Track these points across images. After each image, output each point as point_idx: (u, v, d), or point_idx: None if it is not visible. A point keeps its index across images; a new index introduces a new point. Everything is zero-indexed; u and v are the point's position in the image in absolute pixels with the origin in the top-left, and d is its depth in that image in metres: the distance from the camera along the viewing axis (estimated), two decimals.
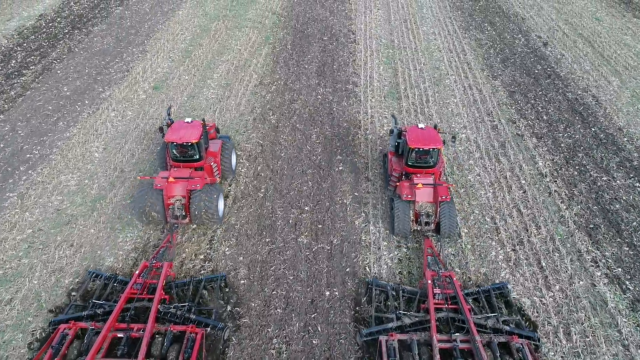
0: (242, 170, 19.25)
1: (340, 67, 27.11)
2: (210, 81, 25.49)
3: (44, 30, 31.03)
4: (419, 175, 16.30)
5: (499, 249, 15.95)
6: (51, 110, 22.86)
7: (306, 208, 17.47)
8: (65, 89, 24.65)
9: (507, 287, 14.09)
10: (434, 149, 16.15)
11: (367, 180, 18.74)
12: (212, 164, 17.20)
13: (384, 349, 11.72)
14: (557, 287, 14.71)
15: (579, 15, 34.31)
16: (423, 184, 15.74)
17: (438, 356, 11.28)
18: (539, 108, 23.68)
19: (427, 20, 33.32)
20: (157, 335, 12.08)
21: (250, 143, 20.78)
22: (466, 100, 24.11)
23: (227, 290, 14.24)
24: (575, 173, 19.44)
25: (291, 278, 14.82)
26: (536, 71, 26.95)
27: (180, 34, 31.06)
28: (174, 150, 16.42)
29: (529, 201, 17.95)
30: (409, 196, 15.68)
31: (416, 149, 16.11)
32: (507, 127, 22.12)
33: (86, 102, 23.63)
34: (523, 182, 18.88)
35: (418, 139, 16.17)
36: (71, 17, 33.06)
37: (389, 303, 13.46)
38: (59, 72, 26.24)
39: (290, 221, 16.91)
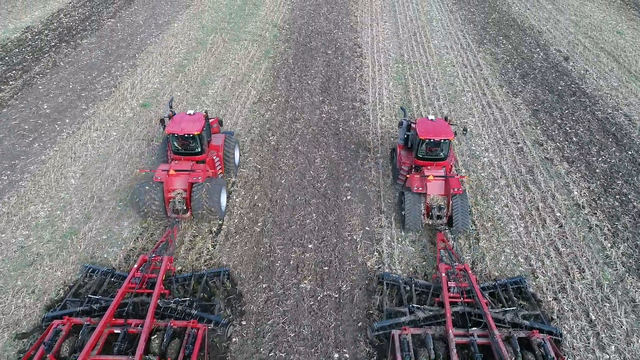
0: (237, 200, 16.89)
1: (346, 83, 24.96)
2: (204, 98, 23.31)
3: (29, 43, 29.02)
4: (429, 168, 15.72)
5: (539, 296, 13.47)
6: (27, 129, 20.62)
7: (310, 246, 15.07)
8: (45, 107, 22.47)
9: (524, 282, 13.34)
10: (444, 140, 15.55)
11: (380, 212, 16.38)
12: (214, 157, 16.55)
13: (397, 343, 10.99)
14: (613, 347, 12.21)
15: (599, 28, 32.29)
16: (434, 176, 15.26)
17: (455, 351, 10.55)
18: (567, 128, 21.40)
19: (437, 33, 31.30)
20: (156, 331, 11.33)
21: (247, 168, 18.47)
22: (486, 120, 21.86)
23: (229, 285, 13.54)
24: (617, 204, 17.06)
25: (292, 335, 12.33)
26: (559, 87, 24.76)
27: (174, 47, 29.03)
28: (175, 143, 15.79)
29: (567, 238, 15.54)
30: (420, 189, 15.14)
31: (427, 141, 15.49)
32: (533, 150, 19.81)
33: (67, 120, 21.43)
34: (558, 214, 16.49)
35: (428, 130, 15.58)
36: (59, 30, 31.10)
37: (402, 296, 12.80)
38: (40, 87, 24.10)
39: (292, 262, 14.49)
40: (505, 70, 26.55)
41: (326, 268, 14.31)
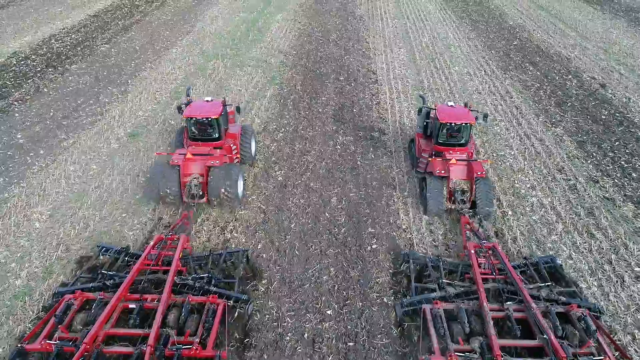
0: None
1: (362, 111, 22.16)
2: None
3: (13, 68, 26.55)
4: (451, 152, 15.41)
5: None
6: None
7: (328, 312, 11.74)
8: (19, 136, 19.60)
9: (556, 260, 12.71)
10: (466, 124, 15.29)
11: None
12: (231, 145, 16.28)
13: (429, 316, 10.44)
14: None
15: (631, 55, 29.83)
16: (457, 160, 14.94)
17: (491, 323, 9.96)
18: (622, 162, 18.36)
19: (458, 59, 28.82)
20: (173, 307, 10.66)
21: (249, 209, 15.35)
22: (527, 153, 18.86)
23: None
24: None
25: None
26: (603, 117, 21.91)
27: (171, 73, 26.50)
28: (193, 128, 15.56)
29: None
30: (442, 172, 14.77)
31: (447, 125, 15.30)
32: (589, 188, 16.69)
33: (41, 152, 18.49)
34: (637, 269, 13.20)
35: (449, 115, 15.40)
36: (48, 55, 28.73)
37: (430, 275, 12.08)
38: (17, 115, 21.33)
39: (306, 335, 11.13)
40: (538, 98, 23.80)
41: (351, 344, 10.93)
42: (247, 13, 39.14)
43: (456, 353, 9.43)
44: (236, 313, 11.04)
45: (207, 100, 15.99)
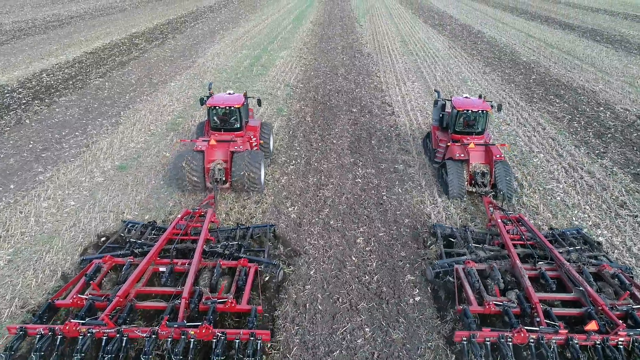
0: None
1: (381, 143, 19.74)
2: None
3: None
4: (468, 139, 15.58)
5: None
6: None
7: None
8: None
9: (582, 231, 12.71)
10: (482, 111, 15.71)
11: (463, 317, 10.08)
12: (251, 136, 16.30)
13: (462, 274, 10.26)
14: None
15: None
16: (475, 144, 15.24)
17: (526, 277, 9.87)
18: None
19: (476, 93, 26.87)
20: (204, 270, 10.47)
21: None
22: (578, 187, 16.26)
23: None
24: None
25: None
26: None
27: (168, 105, 24.33)
28: (215, 117, 16.00)
29: None
30: (462, 155, 15.05)
31: (465, 113, 15.71)
32: None
33: (11, 186, 15.77)
34: None
35: (465, 103, 15.86)
36: (36, 88, 26.67)
37: (458, 244, 12.00)
38: None
39: None
40: (574, 130, 21.55)
41: None
42: (249, 50, 37.83)
43: (494, 302, 9.42)
44: (267, 277, 10.88)
45: (229, 93, 16.45)
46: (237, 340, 8.47)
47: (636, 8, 68.54)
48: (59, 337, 8.39)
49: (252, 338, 8.39)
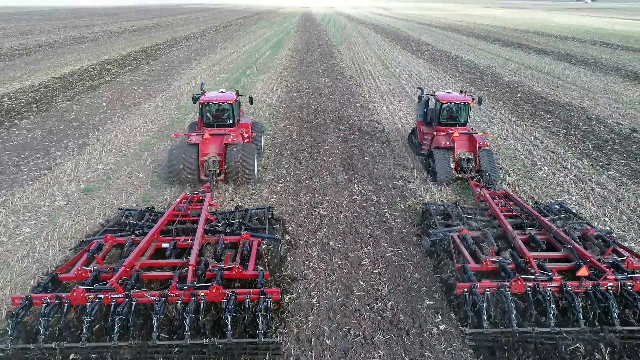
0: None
1: (375, 159, 18.35)
2: (177, 185, 16.00)
3: None
4: (452, 129, 16.24)
5: None
6: None
7: None
8: None
9: (564, 205, 13.38)
10: (464, 103, 16.50)
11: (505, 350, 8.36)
12: (243, 133, 16.35)
13: (457, 240, 10.70)
14: None
15: None
16: (459, 133, 15.97)
17: (519, 239, 10.49)
18: None
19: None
20: (207, 246, 10.58)
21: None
22: (592, 198, 15.10)
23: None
24: None
25: None
26: None
27: (142, 126, 22.52)
28: (208, 114, 16.22)
29: None
30: (448, 143, 15.80)
31: (447, 104, 16.46)
32: None
33: None
34: None
35: (448, 97, 16.62)
36: None
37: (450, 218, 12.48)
38: None
39: None
40: (573, 143, 20.73)
41: None
42: (228, 74, 36.61)
43: (490, 260, 9.82)
44: (268, 256, 10.74)
45: (221, 92, 16.69)
46: (247, 300, 8.43)
47: (601, 36, 71.18)
48: (66, 304, 8.19)
49: (262, 296, 8.41)
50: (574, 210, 13.51)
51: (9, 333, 7.80)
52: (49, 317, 7.97)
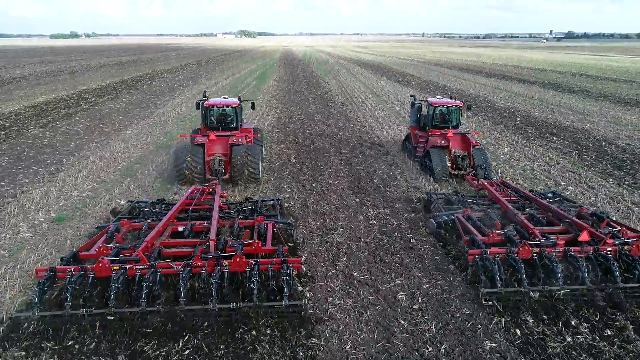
0: None
1: (386, 182, 16.63)
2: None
3: None
4: (446, 131, 17.12)
5: None
6: None
7: None
8: None
9: (557, 193, 14.04)
10: (456, 107, 17.57)
11: None
12: (246, 137, 16.42)
13: (463, 219, 11.13)
14: None
15: None
16: (453, 133, 16.91)
17: (520, 214, 11.15)
18: None
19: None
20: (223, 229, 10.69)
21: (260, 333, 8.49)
22: (634, 217, 13.58)
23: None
24: None
25: None
26: None
27: (123, 151, 20.43)
28: (212, 118, 16.64)
29: None
30: (443, 142, 16.64)
31: (439, 108, 17.55)
32: None
33: None
34: None
35: (440, 101, 17.76)
36: None
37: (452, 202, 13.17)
38: None
39: None
40: (590, 163, 19.51)
41: None
42: None
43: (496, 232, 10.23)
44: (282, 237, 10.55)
45: (224, 97, 17.51)
46: (270, 268, 8.64)
47: (578, 68, 73.03)
48: (91, 276, 8.27)
49: (284, 264, 8.62)
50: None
51: (36, 301, 7.84)
52: (75, 285, 8.02)
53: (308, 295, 9.25)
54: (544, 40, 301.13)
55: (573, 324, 8.39)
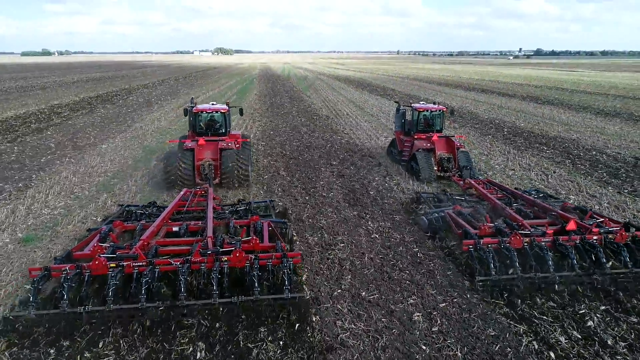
0: None
1: (382, 194, 15.78)
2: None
3: None
4: (430, 134, 17.90)
5: None
6: None
7: None
8: None
9: (540, 190, 14.59)
10: (439, 111, 18.32)
11: None
12: (235, 141, 16.54)
13: (453, 215, 11.51)
14: None
15: (627, 135, 27.43)
16: (438, 136, 17.54)
17: (509, 209, 11.55)
18: None
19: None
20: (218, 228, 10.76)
21: None
22: None
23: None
24: None
25: None
26: None
27: (99, 166, 19.09)
28: (201, 123, 16.66)
29: None
30: (429, 145, 17.27)
31: (424, 112, 18.15)
32: None
33: None
34: None
35: (425, 107, 18.39)
36: None
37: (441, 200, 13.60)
38: None
39: None
40: (585, 171, 19.15)
41: None
42: None
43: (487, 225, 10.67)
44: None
45: (212, 104, 17.30)
46: (269, 263, 8.59)
47: (553, 82, 74.69)
48: (87, 274, 8.10)
49: (284, 258, 8.58)
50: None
51: (31, 299, 7.66)
52: (71, 283, 7.88)
53: (314, 319, 8.23)
54: (511, 58, 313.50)
55: (609, 343, 7.61)
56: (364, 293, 9.27)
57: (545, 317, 8.31)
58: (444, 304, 8.88)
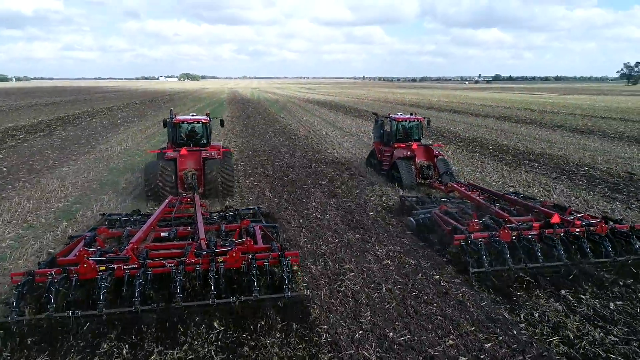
0: None
1: (383, 215, 14.27)
2: None
3: None
4: (409, 143, 18.27)
5: None
6: None
7: None
8: None
9: (520, 193, 15.03)
10: (417, 121, 18.90)
11: None
12: (218, 151, 16.25)
13: (441, 214, 11.72)
14: None
15: (609, 151, 27.32)
16: (417, 145, 18.03)
17: (492, 207, 12.02)
18: None
19: (455, 163, 23.47)
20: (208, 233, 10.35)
21: None
22: None
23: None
24: None
25: None
26: None
27: (58, 190, 16.84)
28: (182, 134, 16.36)
29: None
30: (408, 153, 17.66)
31: (402, 122, 18.74)
32: None
33: None
34: None
35: (402, 117, 18.96)
36: None
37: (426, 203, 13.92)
38: None
39: None
40: (585, 186, 18.37)
41: None
42: (163, 136, 31.63)
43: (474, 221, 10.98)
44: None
45: (193, 114, 17.14)
46: (267, 263, 8.43)
47: (521, 104, 76.57)
48: (74, 278, 7.69)
49: (282, 258, 8.45)
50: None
51: (14, 304, 7.24)
52: (58, 287, 7.43)
53: None
54: (466, 82, 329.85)
55: None
56: (391, 334, 7.63)
57: None
58: (489, 344, 7.34)
